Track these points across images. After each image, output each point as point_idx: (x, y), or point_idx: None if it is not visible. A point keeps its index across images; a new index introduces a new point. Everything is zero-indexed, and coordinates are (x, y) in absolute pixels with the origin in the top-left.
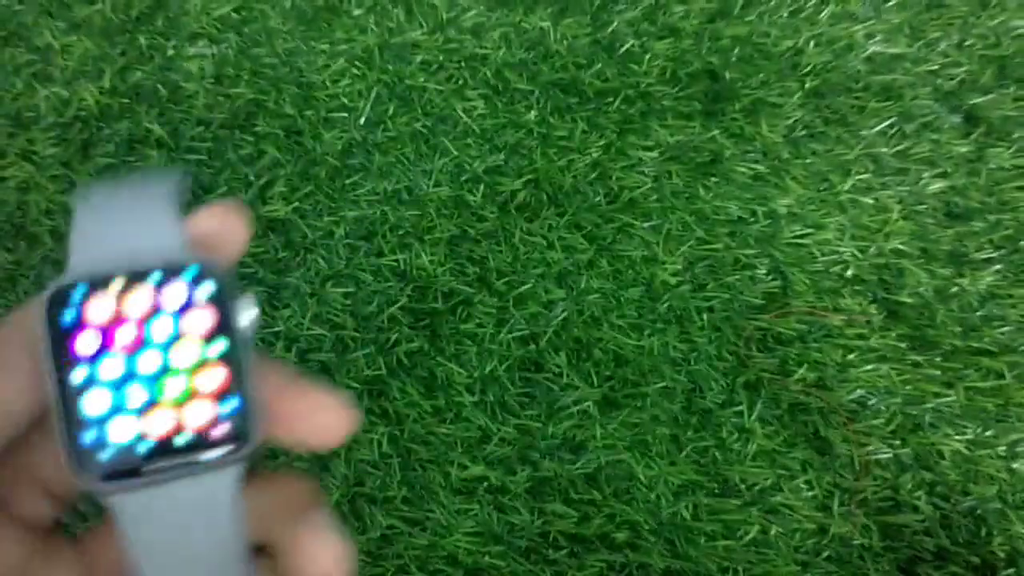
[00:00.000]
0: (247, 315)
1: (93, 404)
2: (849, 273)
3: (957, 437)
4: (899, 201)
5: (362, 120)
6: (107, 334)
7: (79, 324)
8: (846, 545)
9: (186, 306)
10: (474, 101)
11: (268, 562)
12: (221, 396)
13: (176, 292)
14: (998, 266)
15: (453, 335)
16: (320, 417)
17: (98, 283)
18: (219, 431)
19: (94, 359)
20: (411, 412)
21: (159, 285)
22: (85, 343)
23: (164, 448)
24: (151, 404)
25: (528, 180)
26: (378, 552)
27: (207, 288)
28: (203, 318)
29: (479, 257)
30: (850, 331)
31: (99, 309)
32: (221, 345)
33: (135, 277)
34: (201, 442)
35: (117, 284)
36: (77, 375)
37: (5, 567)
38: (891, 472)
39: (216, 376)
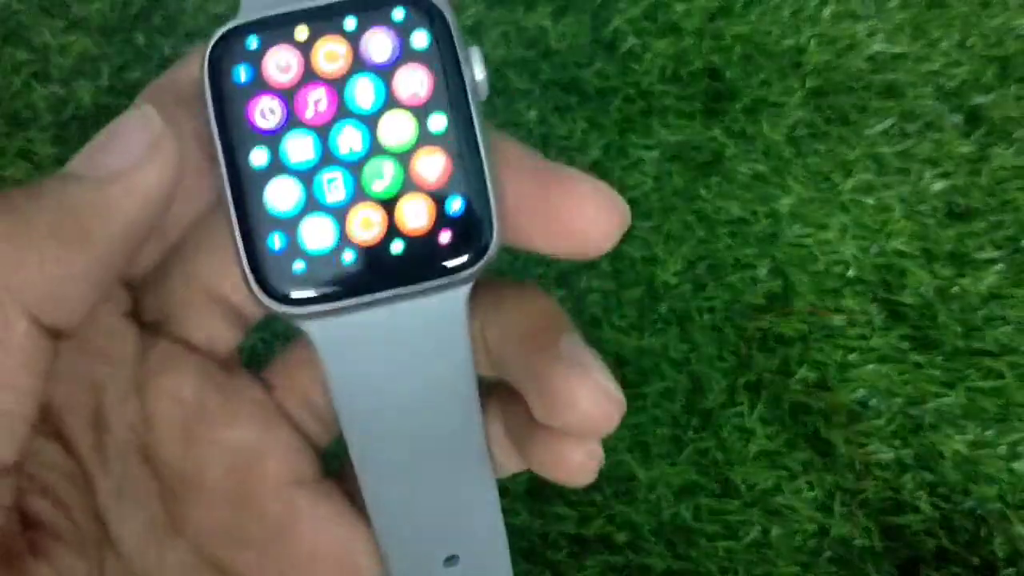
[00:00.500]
0: (479, 73)
1: (279, 197)
2: (850, 273)
3: (958, 437)
4: (901, 201)
5: None
6: (293, 100)
7: (256, 86)
8: (847, 546)
9: (396, 60)
10: None
11: (498, 403)
12: (447, 188)
13: (382, 40)
14: (1000, 266)
15: None
16: (585, 212)
17: (277, 27)
18: (446, 236)
19: (277, 134)
20: None
21: (359, 30)
22: (264, 112)
23: (375, 258)
24: (356, 199)
25: None
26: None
27: (423, 35)
28: (420, 79)
29: None
30: (851, 331)
31: (280, 65)
32: (444, 118)
33: (326, 17)
34: (422, 250)
35: (303, 29)
36: (256, 157)
37: (177, 403)
38: (892, 473)
39: (440, 161)
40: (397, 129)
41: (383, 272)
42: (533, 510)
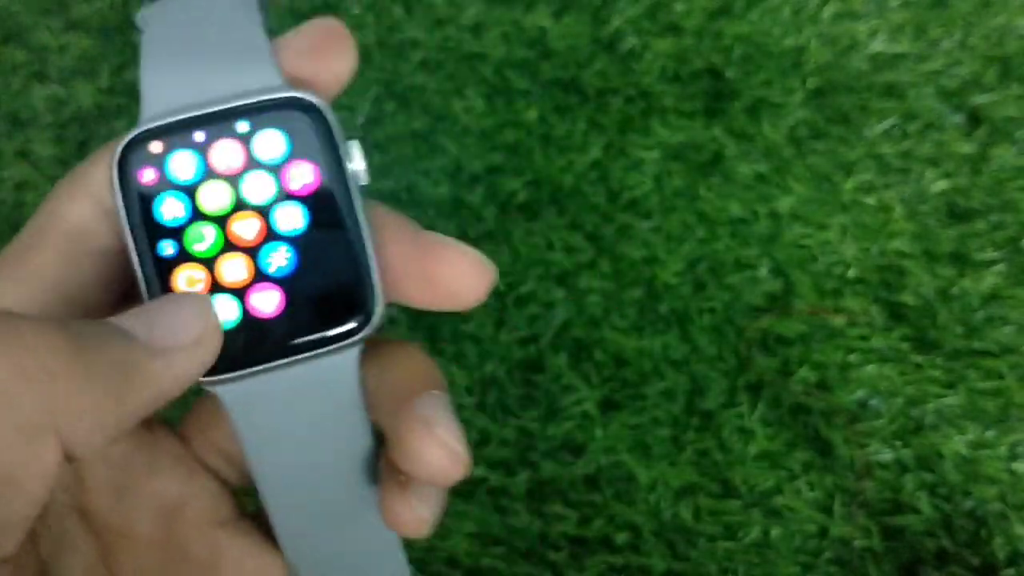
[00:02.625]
0: (358, 164)
1: (185, 282)
2: (851, 274)
3: (958, 438)
4: (901, 201)
5: (361, 119)
6: (194, 196)
7: (160, 185)
8: (847, 546)
9: (285, 156)
10: (473, 100)
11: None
12: (335, 267)
13: (272, 139)
14: (1000, 267)
15: (453, 336)
16: (457, 274)
17: (177, 132)
18: (335, 309)
19: (181, 228)
20: None
21: (250, 132)
22: (169, 208)
23: (272, 331)
24: (257, 279)
25: (528, 180)
26: None
27: (308, 134)
28: (306, 171)
29: None
30: (852, 332)
31: (181, 165)
32: (333, 203)
33: (221, 121)
34: (316, 322)
35: (200, 134)
36: (164, 247)
37: (106, 463)
38: (892, 473)
39: (330, 241)
40: (289, 217)
41: (280, 343)
42: (533, 510)
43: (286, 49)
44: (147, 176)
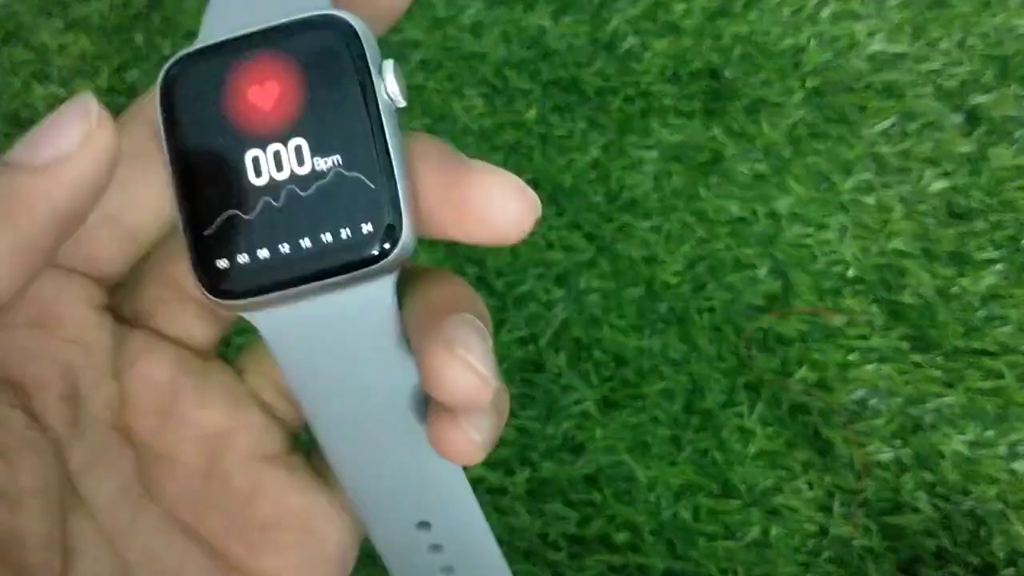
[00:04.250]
0: (392, 84)
1: (222, 214)
2: (850, 273)
3: (958, 437)
4: (901, 200)
5: None
6: (234, 117)
7: (197, 101)
8: (847, 546)
9: (326, 77)
10: (473, 100)
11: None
12: (364, 187)
13: (315, 59)
14: (999, 266)
15: None
16: (491, 200)
17: (213, 53)
18: (363, 230)
19: (225, 157)
20: None
21: (282, 50)
22: (217, 137)
23: (300, 254)
24: (289, 204)
25: (528, 180)
26: (376, 553)
27: (341, 52)
28: (339, 93)
29: (478, 257)
30: (851, 331)
31: (213, 85)
32: (365, 123)
33: (266, 43)
34: (343, 245)
35: (248, 54)
36: (207, 177)
37: (152, 386)
38: (892, 473)
39: (358, 162)
40: (317, 137)
41: (307, 267)
42: (533, 510)
43: None
44: (185, 94)
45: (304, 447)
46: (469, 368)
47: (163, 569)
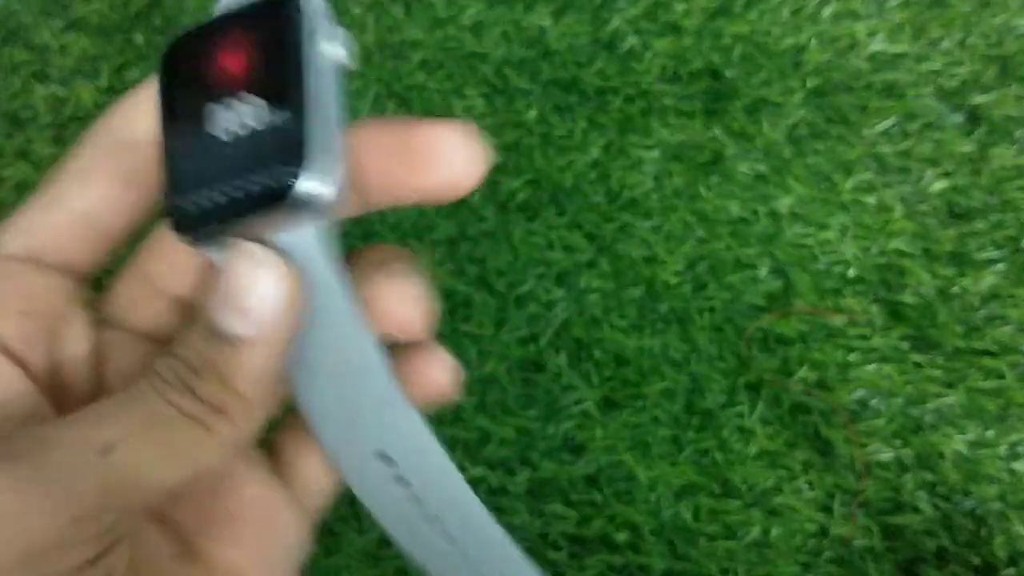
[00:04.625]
0: (329, 44)
1: (187, 161)
2: (851, 273)
3: (958, 437)
4: (901, 200)
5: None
6: (209, 82)
7: (196, 76)
8: (847, 546)
9: (274, 41)
10: (473, 100)
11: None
12: (286, 133)
13: (269, 28)
14: (1000, 266)
15: (452, 335)
16: (446, 145)
17: (196, 36)
18: (282, 172)
19: (196, 112)
20: None
21: (254, 24)
22: (192, 96)
23: (239, 194)
24: (233, 146)
25: (528, 179)
26: (377, 553)
27: (292, 20)
28: (285, 50)
29: (479, 257)
30: (852, 331)
31: (206, 56)
32: (296, 76)
33: (236, 19)
34: (264, 184)
35: (227, 30)
36: (181, 132)
37: (123, 381)
38: (892, 473)
39: (285, 109)
40: (262, 89)
41: (239, 204)
42: (533, 510)
43: None
44: (170, 67)
45: (265, 443)
46: (405, 295)
47: (136, 556)
